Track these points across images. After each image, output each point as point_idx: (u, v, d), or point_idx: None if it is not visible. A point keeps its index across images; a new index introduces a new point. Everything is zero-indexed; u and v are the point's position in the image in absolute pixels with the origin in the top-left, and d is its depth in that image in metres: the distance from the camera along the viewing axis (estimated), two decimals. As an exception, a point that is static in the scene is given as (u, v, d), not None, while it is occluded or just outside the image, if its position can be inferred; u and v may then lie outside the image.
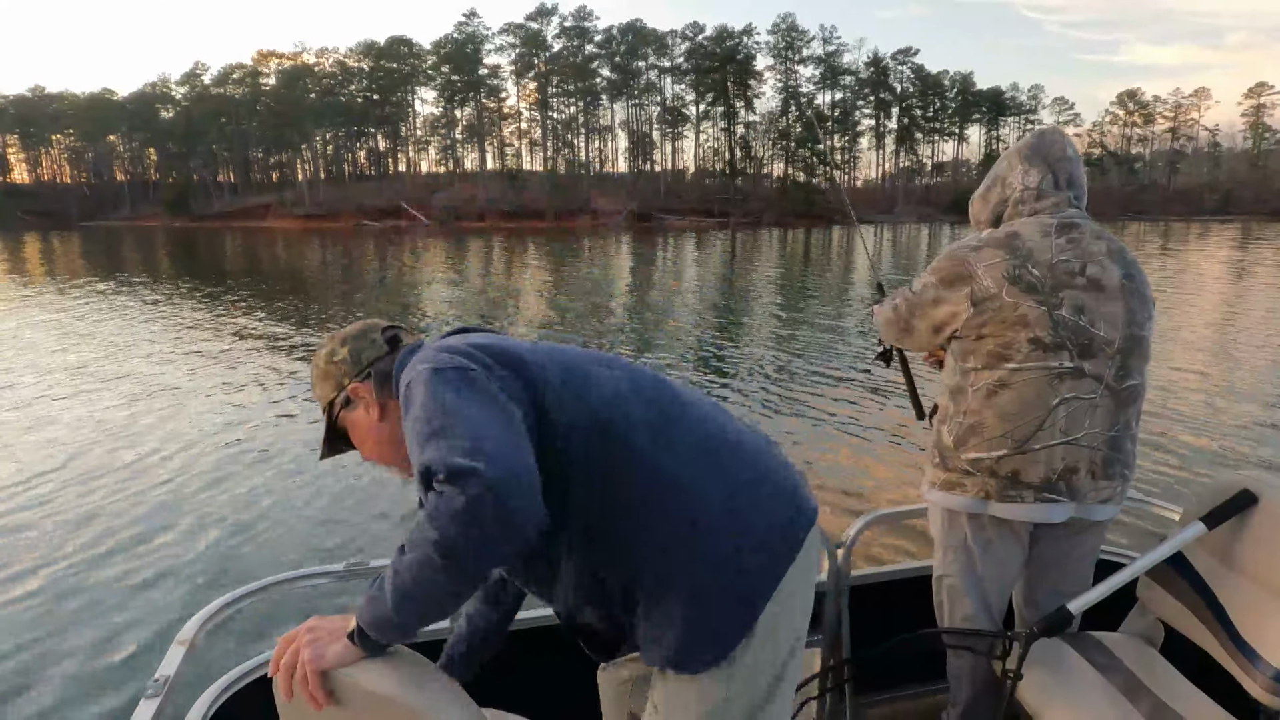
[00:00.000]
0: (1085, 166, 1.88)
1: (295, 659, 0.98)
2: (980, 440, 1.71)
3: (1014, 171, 1.81)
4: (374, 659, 0.97)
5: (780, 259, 31.51)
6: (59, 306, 16.41)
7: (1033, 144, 1.81)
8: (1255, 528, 1.60)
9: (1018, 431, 1.67)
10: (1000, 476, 1.70)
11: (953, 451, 1.75)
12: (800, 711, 1.68)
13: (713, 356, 10.99)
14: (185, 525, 5.03)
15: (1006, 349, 1.67)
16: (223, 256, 34.04)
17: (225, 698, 1.53)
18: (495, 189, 72.64)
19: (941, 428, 1.80)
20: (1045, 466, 1.68)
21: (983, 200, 1.90)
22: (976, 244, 1.73)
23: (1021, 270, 1.66)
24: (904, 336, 1.91)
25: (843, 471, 6.05)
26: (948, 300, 1.74)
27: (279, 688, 1.00)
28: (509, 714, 1.49)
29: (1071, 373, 1.66)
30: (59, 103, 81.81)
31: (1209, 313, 14.88)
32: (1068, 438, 1.67)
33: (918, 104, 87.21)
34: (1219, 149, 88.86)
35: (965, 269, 1.71)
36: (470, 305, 17.22)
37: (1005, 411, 1.68)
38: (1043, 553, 1.86)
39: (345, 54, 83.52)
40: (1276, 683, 1.49)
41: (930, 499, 1.85)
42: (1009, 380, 1.67)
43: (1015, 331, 1.66)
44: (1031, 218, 1.75)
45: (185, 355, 10.87)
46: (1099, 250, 1.70)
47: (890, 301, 1.93)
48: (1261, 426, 7.13)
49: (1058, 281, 1.66)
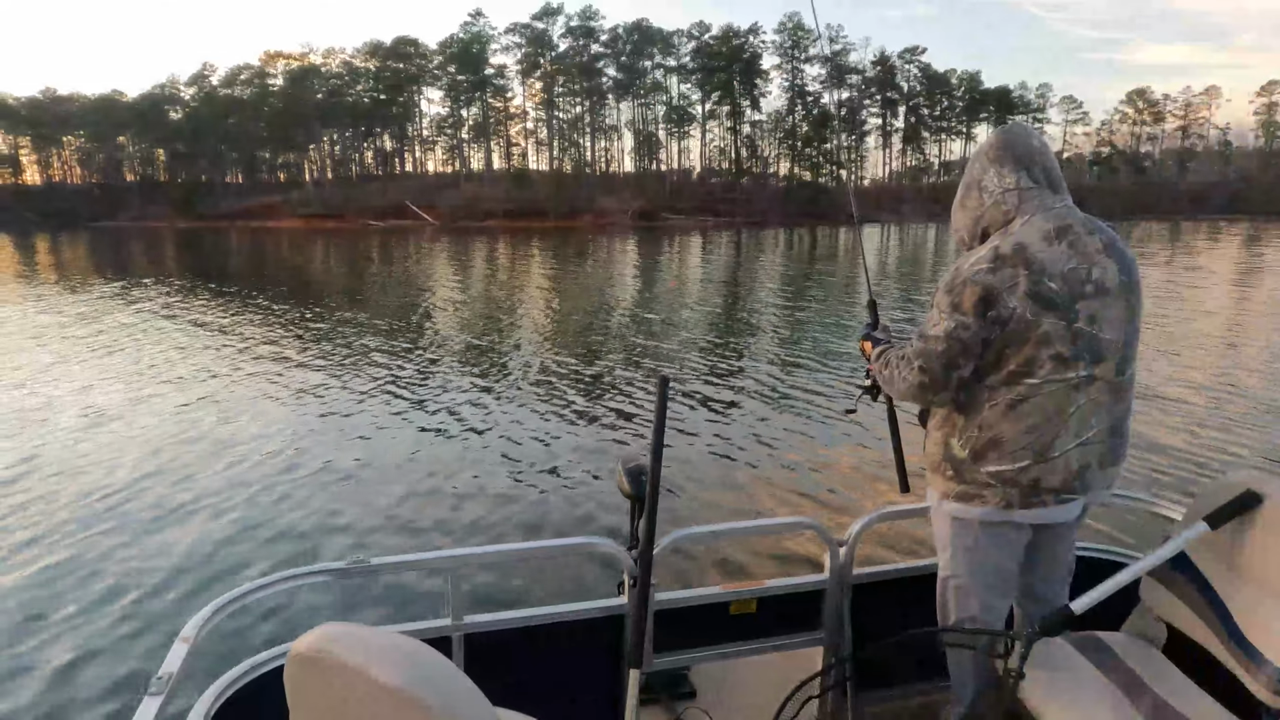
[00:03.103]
0: (1094, 165, 1.84)
1: None
2: (1001, 454, 1.69)
3: (987, 175, 1.77)
4: (390, 652, 0.93)
5: (785, 259, 31.44)
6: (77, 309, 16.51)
7: (999, 143, 1.77)
8: (1259, 528, 1.59)
9: (1038, 443, 1.67)
10: (1022, 485, 1.70)
11: (969, 465, 1.74)
12: (802, 709, 1.68)
13: (717, 362, 10.97)
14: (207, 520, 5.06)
15: (1028, 365, 1.65)
16: (242, 258, 34.21)
17: (229, 694, 1.53)
18: (501, 189, 72.70)
19: (951, 440, 1.77)
20: (1064, 471, 1.69)
21: (962, 208, 1.84)
22: (991, 264, 1.66)
23: (1040, 286, 1.63)
24: (942, 391, 1.73)
25: (845, 469, 6.04)
26: (980, 328, 1.66)
27: None
28: (520, 714, 1.48)
29: (1085, 380, 1.67)
30: (69, 104, 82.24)
31: (1217, 313, 14.77)
32: (1080, 439, 1.68)
33: (925, 103, 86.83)
34: (1230, 148, 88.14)
35: (989, 293, 1.64)
36: (475, 306, 17.25)
37: (1027, 425, 1.67)
38: (1041, 546, 1.87)
39: (352, 54, 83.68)
40: (1279, 683, 1.48)
41: (945, 511, 1.82)
42: (1029, 395, 1.66)
43: (1037, 349, 1.64)
44: (1026, 222, 1.70)
45: (204, 349, 10.93)
46: (1095, 248, 1.69)
47: (906, 367, 1.75)
48: (1267, 427, 7.08)
49: (1074, 293, 1.64)
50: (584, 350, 11.31)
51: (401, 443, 6.84)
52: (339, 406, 8.06)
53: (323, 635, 0.94)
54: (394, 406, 8.06)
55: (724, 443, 6.84)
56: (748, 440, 6.92)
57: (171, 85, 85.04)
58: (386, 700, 0.87)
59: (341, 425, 7.37)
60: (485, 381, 9.29)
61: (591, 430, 7.27)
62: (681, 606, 1.96)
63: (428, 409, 7.98)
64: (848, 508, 5.24)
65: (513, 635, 1.85)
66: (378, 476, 5.94)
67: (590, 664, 1.93)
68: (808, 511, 5.15)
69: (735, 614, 2.01)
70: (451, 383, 9.19)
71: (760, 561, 4.34)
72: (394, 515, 5.20)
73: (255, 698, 1.55)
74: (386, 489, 5.67)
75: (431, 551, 1.86)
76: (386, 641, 0.92)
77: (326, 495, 5.55)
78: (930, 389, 1.74)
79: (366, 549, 4.64)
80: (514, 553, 2.82)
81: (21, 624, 3.87)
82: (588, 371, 9.82)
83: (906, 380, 1.77)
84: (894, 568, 2.15)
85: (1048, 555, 1.90)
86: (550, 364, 10.30)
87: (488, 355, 11.03)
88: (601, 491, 5.52)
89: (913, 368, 1.74)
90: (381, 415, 7.72)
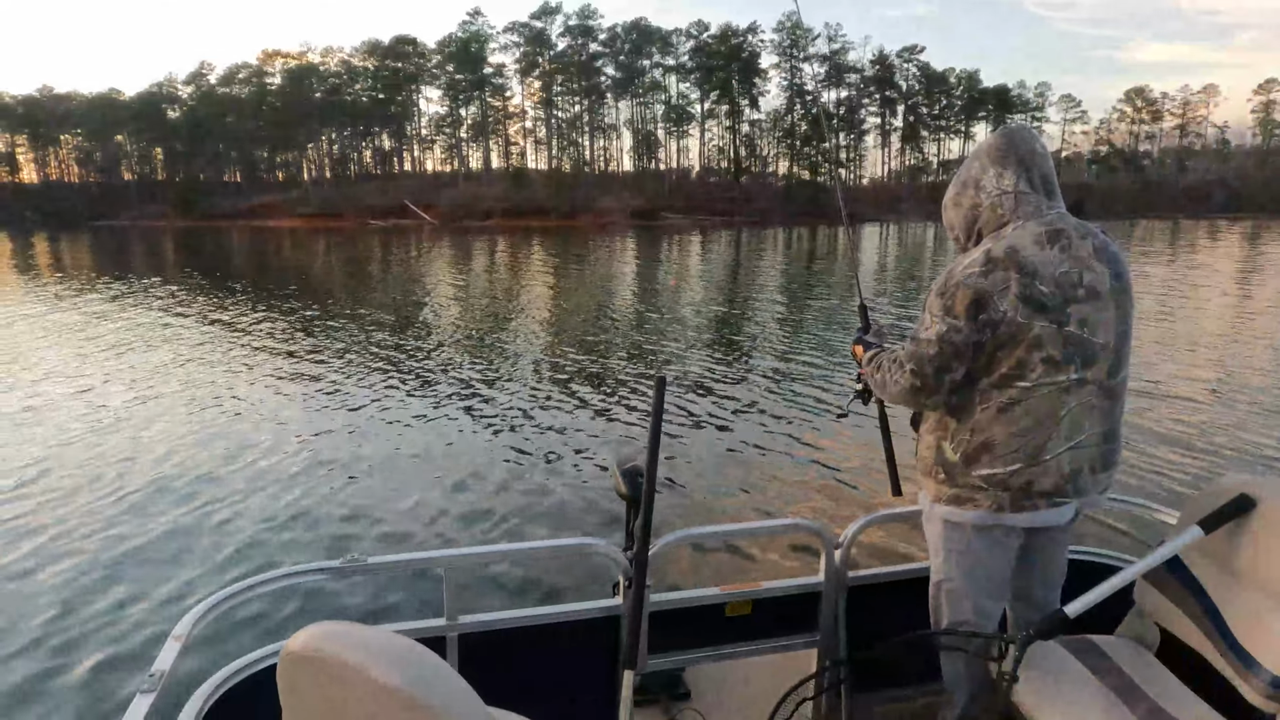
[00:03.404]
0: (1092, 164, 1.84)
1: None
2: (993, 457, 1.70)
3: (986, 174, 1.75)
4: (384, 651, 0.93)
5: (784, 259, 31.44)
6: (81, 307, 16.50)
7: (1002, 144, 1.75)
8: (1253, 533, 1.59)
9: (1029, 446, 1.67)
10: (1014, 489, 1.70)
11: (961, 469, 1.74)
12: (796, 711, 1.68)
13: (714, 363, 10.97)
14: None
15: (1019, 369, 1.65)
16: (246, 258, 34.18)
17: (221, 693, 1.53)
18: (500, 188, 72.61)
19: (943, 443, 1.77)
20: (1056, 474, 1.69)
21: (955, 206, 1.82)
22: (983, 268, 1.65)
23: (1031, 289, 1.63)
24: (934, 395, 1.73)
25: (841, 472, 6.04)
26: (971, 332, 1.66)
27: None
28: (515, 715, 1.48)
29: (1076, 383, 1.67)
30: (67, 103, 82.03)
31: (1214, 314, 14.78)
32: (1071, 443, 1.68)
33: (924, 102, 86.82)
34: (1228, 146, 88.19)
35: (981, 296, 1.64)
36: (476, 306, 17.24)
37: (1018, 428, 1.67)
38: (1034, 549, 1.87)
39: (350, 53, 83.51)
40: (1272, 688, 1.48)
41: (938, 514, 1.82)
42: (1020, 398, 1.66)
43: (1028, 352, 1.64)
44: (1019, 227, 1.70)
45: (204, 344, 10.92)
46: (1087, 253, 1.69)
47: (898, 370, 1.76)
48: (1261, 431, 7.09)
49: (1065, 296, 1.64)
50: (582, 350, 11.31)
51: (400, 441, 6.83)
52: (339, 404, 8.05)
53: (316, 634, 0.93)
54: (394, 406, 8.06)
55: (720, 444, 6.84)
56: (744, 442, 6.92)
57: (169, 84, 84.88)
58: (380, 699, 0.87)
59: (340, 423, 7.36)
60: (483, 381, 9.29)
61: (589, 430, 7.27)
62: (677, 607, 1.96)
63: (427, 408, 7.97)
64: (843, 510, 5.24)
65: (507, 635, 1.85)
66: (376, 474, 5.95)
67: (585, 665, 1.93)
68: (803, 513, 5.15)
69: (730, 615, 2.01)
70: (450, 382, 9.19)
71: (756, 563, 4.34)
72: (390, 513, 5.20)
73: (248, 696, 1.55)
74: (384, 487, 5.67)
75: (427, 551, 1.86)
76: (380, 640, 0.92)
77: (325, 492, 5.55)
78: (922, 392, 1.74)
79: (361, 547, 4.64)
80: (509, 553, 2.83)
81: (17, 621, 3.87)
82: (586, 371, 9.82)
83: (899, 383, 1.76)
84: (889, 570, 2.15)
85: (1041, 559, 1.90)
86: (548, 363, 10.30)
87: (486, 354, 11.03)
88: (597, 492, 5.52)
89: (904, 371, 1.74)
90: (381, 414, 7.72)
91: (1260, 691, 1.50)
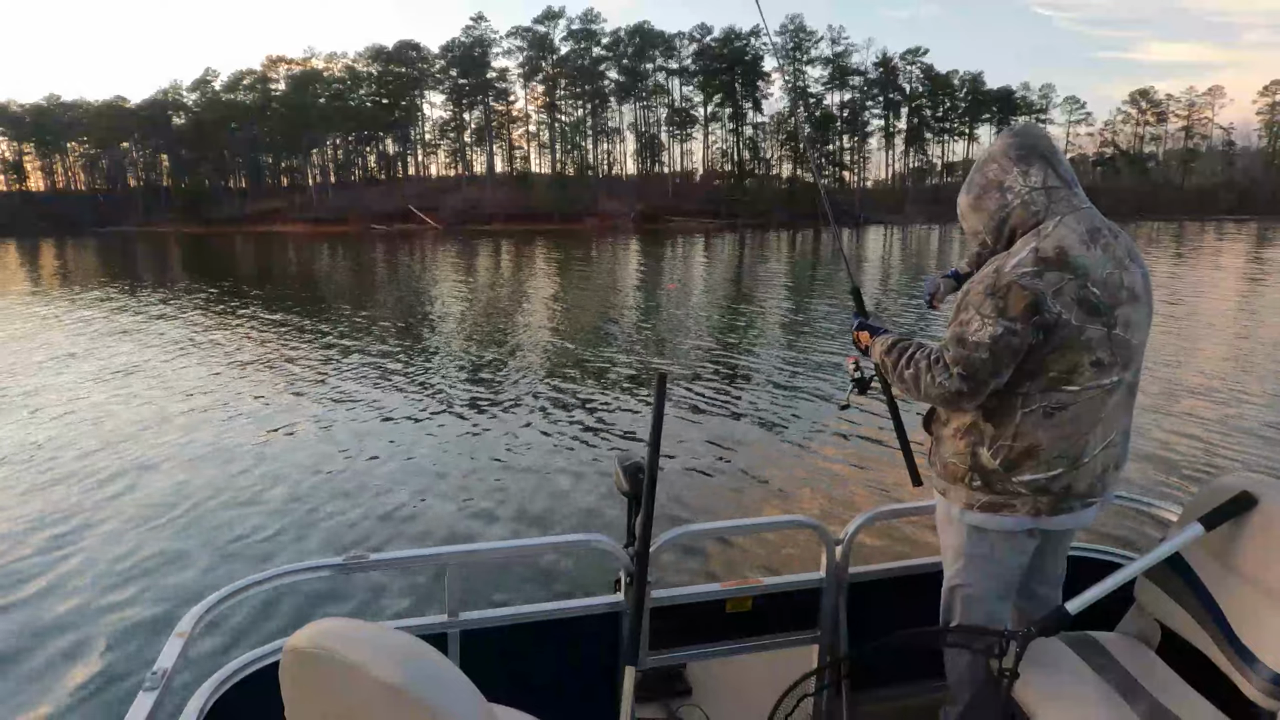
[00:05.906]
0: (1097, 166, 1.84)
1: None
2: (1036, 463, 1.66)
3: (1010, 175, 1.70)
4: (386, 648, 0.93)
5: (788, 261, 31.42)
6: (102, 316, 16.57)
7: (1020, 143, 1.72)
8: (1254, 530, 1.59)
9: (1073, 449, 1.65)
10: (1053, 493, 1.68)
11: (1001, 475, 1.69)
12: (797, 708, 1.69)
13: (716, 361, 10.96)
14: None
15: (1069, 373, 1.62)
16: (254, 264, 34.37)
17: (224, 689, 1.53)
18: (503, 192, 72.77)
19: (979, 449, 1.70)
20: (1090, 476, 1.69)
21: (977, 211, 1.76)
22: (1035, 268, 1.59)
23: (1086, 291, 1.59)
24: (975, 400, 1.67)
25: (842, 468, 6.03)
26: (1027, 335, 1.59)
27: None
28: (516, 711, 1.49)
29: (1116, 385, 1.66)
30: (73, 111, 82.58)
31: (1220, 316, 14.71)
32: (1105, 443, 1.68)
33: (927, 104, 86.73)
34: (1233, 148, 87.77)
35: (1035, 298, 1.58)
36: (481, 307, 17.27)
37: (1063, 432, 1.64)
38: (1045, 549, 1.86)
39: (354, 59, 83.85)
40: (1273, 684, 1.48)
41: (967, 521, 1.77)
42: (1068, 402, 1.63)
43: (1079, 355, 1.61)
44: (1059, 222, 1.65)
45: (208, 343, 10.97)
46: (1123, 252, 1.67)
47: (942, 373, 1.66)
48: (1263, 429, 7.06)
49: (1113, 299, 1.62)
50: (585, 349, 11.32)
51: (402, 439, 6.85)
52: (342, 403, 8.07)
53: (319, 630, 0.94)
54: (397, 405, 8.07)
55: (722, 440, 6.84)
56: (745, 438, 6.92)
57: (174, 91, 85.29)
58: (382, 695, 0.87)
59: (345, 422, 7.38)
60: (487, 380, 9.30)
61: (591, 427, 7.27)
62: (678, 604, 1.96)
63: (429, 408, 7.99)
64: (844, 506, 5.23)
65: (509, 632, 1.86)
66: (378, 472, 5.96)
67: (586, 661, 1.93)
68: (804, 510, 5.15)
69: (731, 612, 2.01)
70: (453, 382, 9.21)
71: (757, 559, 4.34)
72: (392, 511, 5.21)
73: (251, 693, 1.56)
74: (387, 485, 5.69)
75: (428, 548, 1.87)
76: (383, 637, 0.92)
77: (329, 490, 5.56)
78: (966, 396, 1.66)
79: (363, 544, 4.65)
80: (511, 549, 2.81)
81: (20, 618, 3.89)
82: (588, 369, 9.83)
83: (942, 386, 1.67)
84: (890, 566, 2.15)
85: (1050, 557, 1.90)
86: (550, 363, 10.31)
87: (492, 354, 11.04)
88: (599, 488, 5.52)
89: (950, 375, 1.65)
90: (383, 413, 7.73)
91: (1260, 688, 1.49)
